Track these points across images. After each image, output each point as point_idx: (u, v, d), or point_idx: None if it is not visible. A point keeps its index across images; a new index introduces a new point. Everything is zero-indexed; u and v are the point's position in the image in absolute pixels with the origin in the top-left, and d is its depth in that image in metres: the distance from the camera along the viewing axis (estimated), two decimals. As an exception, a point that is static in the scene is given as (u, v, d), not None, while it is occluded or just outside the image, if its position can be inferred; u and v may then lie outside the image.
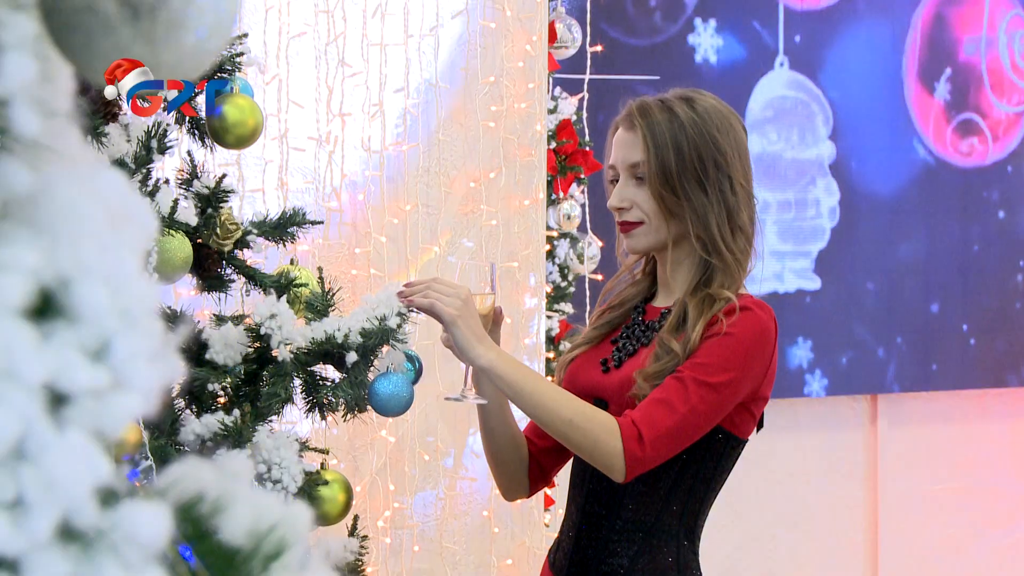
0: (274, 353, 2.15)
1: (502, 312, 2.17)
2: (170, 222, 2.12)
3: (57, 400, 0.57)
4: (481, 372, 2.04)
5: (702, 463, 2.11)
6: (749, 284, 2.23)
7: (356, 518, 2.43)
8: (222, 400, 2.21)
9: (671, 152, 2.11)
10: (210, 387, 2.16)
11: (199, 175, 2.24)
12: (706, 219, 2.12)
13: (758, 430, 2.19)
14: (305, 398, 2.21)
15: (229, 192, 2.24)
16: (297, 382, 2.19)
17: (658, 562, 2.11)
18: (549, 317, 3.93)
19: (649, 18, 4.82)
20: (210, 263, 2.22)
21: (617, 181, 2.17)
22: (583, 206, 4.12)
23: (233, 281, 2.29)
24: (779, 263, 5.03)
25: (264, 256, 2.86)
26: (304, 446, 2.23)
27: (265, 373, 2.19)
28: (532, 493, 2.31)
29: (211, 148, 2.28)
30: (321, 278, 2.29)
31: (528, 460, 2.26)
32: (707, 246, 2.12)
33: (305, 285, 2.29)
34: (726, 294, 2.09)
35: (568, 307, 4.08)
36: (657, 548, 2.11)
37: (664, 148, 2.11)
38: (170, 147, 2.13)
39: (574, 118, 4.13)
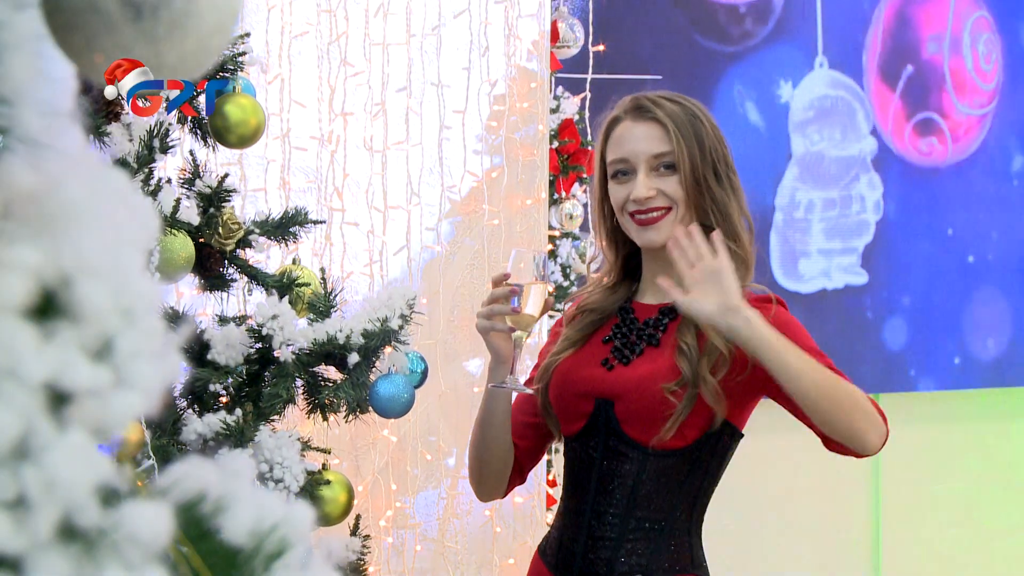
0: (276, 354, 2.15)
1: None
2: (172, 221, 2.12)
3: (59, 399, 0.57)
4: (734, 332, 1.94)
5: (710, 458, 2.12)
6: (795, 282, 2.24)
7: (358, 518, 2.43)
8: (224, 400, 2.21)
9: (695, 143, 2.12)
10: (212, 387, 2.16)
11: (201, 174, 2.24)
12: (727, 210, 2.13)
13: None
14: (307, 399, 2.21)
15: (231, 191, 2.24)
16: (299, 383, 2.19)
17: (675, 558, 2.12)
18: (551, 316, 3.93)
19: (740, 25, 4.84)
20: (212, 262, 2.22)
21: (623, 174, 2.15)
22: (585, 206, 4.12)
23: (235, 280, 2.29)
24: (827, 260, 5.06)
25: (266, 255, 2.87)
26: (306, 445, 2.23)
27: (267, 374, 2.19)
28: (508, 493, 2.30)
29: (213, 147, 2.28)
30: (324, 278, 2.29)
31: (513, 462, 2.25)
32: (730, 236, 2.13)
33: (307, 285, 2.29)
34: (744, 283, 2.12)
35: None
36: (671, 545, 2.11)
37: (690, 139, 2.12)
38: (172, 147, 2.13)
39: (576, 118, 4.13)
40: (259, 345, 2.20)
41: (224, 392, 2.20)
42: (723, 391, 2.06)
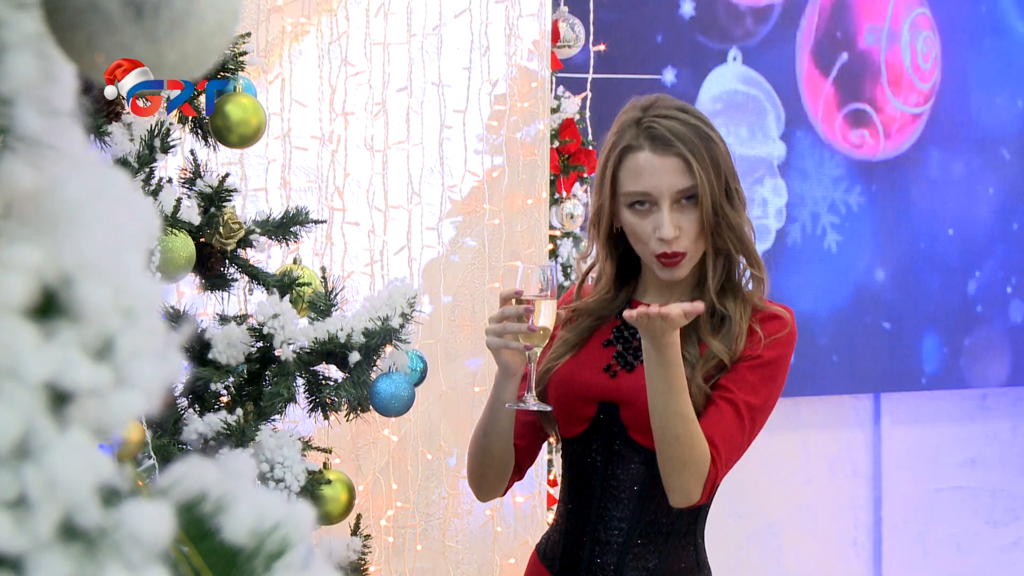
0: (277, 353, 2.15)
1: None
2: (173, 221, 2.12)
3: (59, 399, 0.57)
4: (654, 345, 1.98)
5: None
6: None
7: (359, 517, 2.44)
8: (225, 399, 2.21)
9: (712, 171, 2.09)
10: (213, 387, 2.16)
11: (202, 174, 2.24)
12: (741, 232, 2.12)
13: None
14: (308, 398, 2.21)
15: (232, 191, 2.24)
16: (300, 382, 2.19)
17: (681, 562, 2.12)
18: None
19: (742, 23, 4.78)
20: (213, 262, 2.22)
21: (641, 205, 2.10)
22: (586, 205, 4.12)
23: (236, 280, 2.29)
24: None
25: (267, 255, 2.87)
26: (307, 445, 2.23)
27: (268, 373, 2.20)
28: (507, 492, 2.29)
29: (214, 147, 2.28)
30: (324, 278, 2.30)
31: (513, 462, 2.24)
32: (748, 259, 2.14)
33: (308, 284, 2.30)
34: (757, 303, 2.13)
35: (571, 306, 4.08)
36: (677, 548, 2.12)
37: (708, 169, 2.08)
38: (173, 146, 2.13)
39: (577, 117, 4.13)
40: (260, 344, 2.20)
41: (225, 391, 2.20)
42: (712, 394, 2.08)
